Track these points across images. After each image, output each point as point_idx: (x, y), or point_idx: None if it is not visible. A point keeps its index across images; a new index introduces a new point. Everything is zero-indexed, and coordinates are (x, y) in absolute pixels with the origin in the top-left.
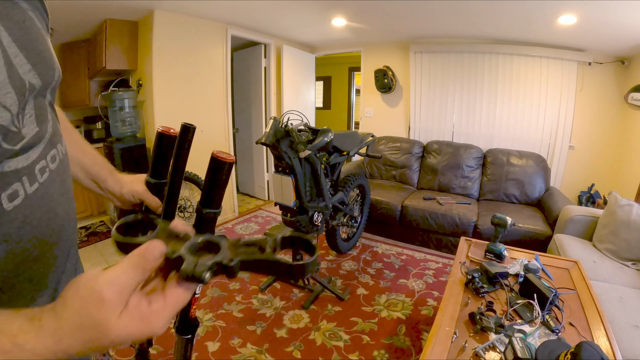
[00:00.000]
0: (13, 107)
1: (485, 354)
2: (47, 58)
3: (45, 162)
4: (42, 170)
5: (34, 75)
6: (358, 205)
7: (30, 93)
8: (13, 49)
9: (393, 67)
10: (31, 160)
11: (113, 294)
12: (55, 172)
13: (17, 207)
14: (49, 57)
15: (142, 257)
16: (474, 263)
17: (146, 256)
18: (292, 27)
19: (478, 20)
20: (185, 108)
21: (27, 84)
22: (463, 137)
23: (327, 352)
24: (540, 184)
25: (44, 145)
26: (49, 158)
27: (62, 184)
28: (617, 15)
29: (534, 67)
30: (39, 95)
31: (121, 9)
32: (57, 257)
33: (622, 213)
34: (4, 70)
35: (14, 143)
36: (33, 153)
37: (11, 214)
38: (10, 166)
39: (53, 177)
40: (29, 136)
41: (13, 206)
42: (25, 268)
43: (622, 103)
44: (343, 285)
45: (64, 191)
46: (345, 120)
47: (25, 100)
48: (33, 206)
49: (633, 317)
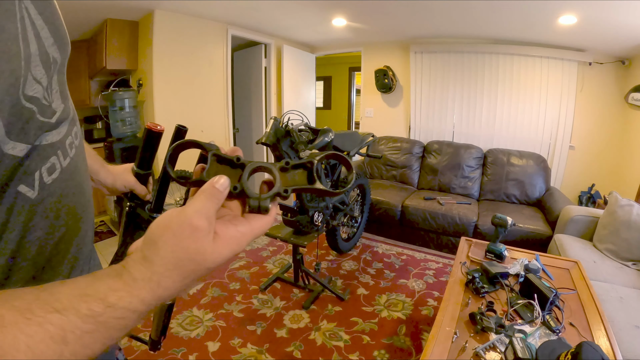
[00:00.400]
0: (43, 80)
1: (486, 354)
2: (65, 33)
3: (72, 138)
4: (70, 145)
5: (56, 49)
6: (358, 205)
7: (54, 67)
8: (39, 21)
9: (393, 67)
10: (62, 135)
11: (204, 221)
12: (79, 149)
13: (55, 180)
14: (65, 33)
15: (214, 188)
16: (474, 263)
17: (217, 187)
18: (292, 27)
19: (478, 21)
20: (185, 108)
21: (52, 58)
22: (463, 137)
23: (328, 352)
24: (540, 184)
25: (69, 122)
26: (73, 134)
27: (84, 161)
28: (617, 15)
29: (534, 67)
30: (60, 72)
31: (121, 8)
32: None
33: (622, 213)
34: (34, 42)
35: (48, 116)
36: (62, 128)
37: (51, 188)
38: (47, 140)
39: (78, 152)
40: (59, 111)
41: (52, 180)
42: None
43: (623, 103)
44: (343, 285)
45: (85, 167)
46: (346, 120)
47: (51, 75)
48: (67, 180)
49: (633, 317)
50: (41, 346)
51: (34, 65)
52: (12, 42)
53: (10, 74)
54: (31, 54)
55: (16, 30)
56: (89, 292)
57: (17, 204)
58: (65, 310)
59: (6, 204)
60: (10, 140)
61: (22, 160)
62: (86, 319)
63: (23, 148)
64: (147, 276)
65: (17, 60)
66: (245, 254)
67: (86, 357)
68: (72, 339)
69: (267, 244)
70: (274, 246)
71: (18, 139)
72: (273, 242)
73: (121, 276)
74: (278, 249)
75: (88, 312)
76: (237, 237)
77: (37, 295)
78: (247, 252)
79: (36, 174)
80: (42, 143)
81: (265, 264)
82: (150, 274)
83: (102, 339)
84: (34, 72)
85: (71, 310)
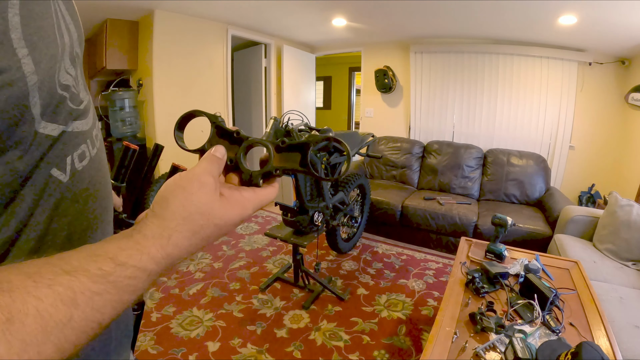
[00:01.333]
0: (72, 71)
1: (486, 354)
2: (82, 31)
3: (97, 130)
4: (96, 137)
5: (79, 45)
6: (358, 205)
7: (78, 61)
8: (68, 17)
9: (393, 67)
10: (89, 126)
11: (210, 178)
12: (101, 142)
13: (85, 167)
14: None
15: (213, 155)
16: (474, 263)
17: (215, 155)
18: (292, 27)
19: (478, 20)
20: (185, 108)
21: (76, 53)
22: (463, 137)
23: (328, 352)
24: (540, 184)
25: (93, 114)
26: (97, 127)
27: (104, 153)
28: (617, 15)
29: (535, 67)
30: (81, 66)
31: (121, 8)
32: (110, 221)
33: (622, 213)
34: (66, 34)
35: (77, 104)
36: (90, 119)
37: (82, 174)
38: (77, 127)
39: (101, 146)
40: (85, 101)
41: (82, 167)
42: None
43: (623, 103)
44: (343, 285)
45: (107, 162)
46: (346, 120)
47: (77, 68)
48: (95, 169)
49: (633, 317)
50: (50, 309)
51: (66, 56)
52: (50, 31)
53: (51, 58)
54: (65, 44)
55: (52, 21)
56: (98, 253)
57: (50, 186)
58: (75, 272)
59: (39, 184)
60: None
61: (55, 141)
62: (96, 278)
63: (55, 128)
64: (158, 232)
65: (55, 47)
66: (245, 254)
67: (96, 323)
68: (83, 300)
69: (267, 244)
70: (274, 246)
71: (50, 120)
72: (273, 242)
73: (132, 236)
74: (278, 249)
75: (98, 272)
76: (242, 200)
77: (46, 260)
78: (247, 252)
79: (68, 158)
80: (72, 130)
81: (265, 264)
82: (161, 230)
83: (113, 301)
84: (65, 63)
85: (80, 271)
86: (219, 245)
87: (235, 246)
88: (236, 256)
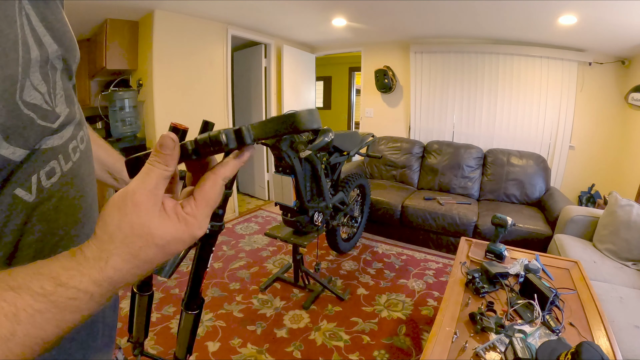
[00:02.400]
0: (41, 86)
1: (486, 354)
2: (71, 39)
3: (76, 142)
4: (74, 149)
5: (59, 56)
6: (358, 205)
7: (56, 74)
8: (41, 28)
9: (393, 67)
10: (65, 139)
11: (144, 195)
12: (84, 153)
13: (54, 184)
14: (72, 39)
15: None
16: (474, 263)
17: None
18: (292, 27)
19: (478, 20)
20: (185, 108)
21: (53, 65)
22: (463, 137)
23: (328, 352)
24: (540, 184)
25: (74, 126)
26: (79, 138)
27: (89, 165)
28: (617, 15)
29: (534, 67)
30: (65, 77)
31: (121, 8)
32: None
33: (622, 213)
34: (35, 48)
35: (51, 121)
36: (66, 132)
37: (49, 192)
38: (47, 144)
39: (82, 157)
40: (63, 115)
41: (51, 184)
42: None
43: (623, 103)
44: (343, 286)
45: (90, 172)
46: (346, 120)
47: (52, 81)
48: (67, 184)
49: (633, 317)
50: None
51: (34, 71)
52: (9, 48)
53: (5, 80)
54: (31, 59)
55: (15, 37)
56: (42, 271)
57: (14, 207)
58: (19, 288)
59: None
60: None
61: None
62: (37, 297)
63: (22, 154)
64: (97, 254)
65: (14, 65)
66: (245, 254)
67: (40, 340)
68: (25, 317)
69: (267, 244)
70: (274, 246)
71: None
72: (273, 242)
73: (75, 256)
74: (278, 249)
75: (40, 290)
76: (182, 216)
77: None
78: (247, 252)
79: (33, 177)
80: (42, 147)
81: (265, 264)
82: (100, 252)
83: (55, 320)
84: (32, 79)
85: (24, 288)
86: (219, 245)
87: (235, 246)
88: (236, 256)
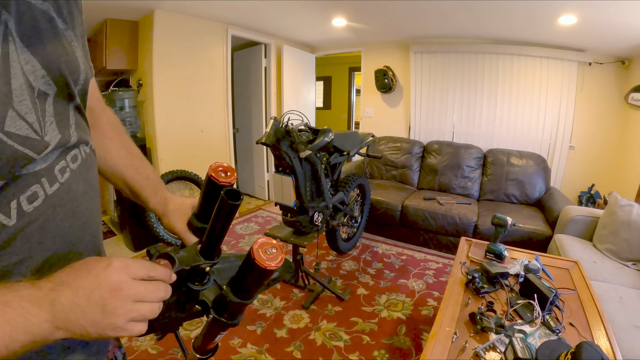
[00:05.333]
0: (29, 115)
1: (486, 354)
2: (69, 62)
3: (65, 162)
4: (62, 170)
5: (47, 81)
6: (358, 205)
7: (42, 100)
8: (26, 54)
9: (393, 67)
10: (49, 162)
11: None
12: (77, 172)
13: (38, 208)
14: (70, 61)
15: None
16: (474, 263)
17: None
18: (292, 27)
19: (478, 20)
20: (185, 108)
21: (37, 91)
22: (463, 137)
23: (328, 352)
24: (540, 184)
25: (63, 149)
26: (69, 158)
27: (85, 182)
28: (617, 15)
29: (534, 67)
30: (60, 101)
31: (121, 8)
32: (81, 253)
33: (622, 213)
34: (20, 76)
35: (37, 150)
36: (51, 155)
37: (32, 215)
38: (28, 169)
39: (75, 176)
40: (53, 143)
41: (33, 207)
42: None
43: (623, 103)
44: (343, 286)
45: (87, 189)
46: (346, 120)
47: (40, 109)
48: (55, 206)
49: (633, 318)
50: None
51: (20, 100)
52: None
53: None
54: (12, 90)
55: None
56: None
57: None
58: None
59: None
60: None
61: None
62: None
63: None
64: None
65: None
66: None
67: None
68: None
69: None
70: None
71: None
72: None
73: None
74: None
75: None
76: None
77: None
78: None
79: (13, 202)
80: (22, 173)
81: None
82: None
83: None
84: (19, 108)
85: None
86: None
87: (236, 246)
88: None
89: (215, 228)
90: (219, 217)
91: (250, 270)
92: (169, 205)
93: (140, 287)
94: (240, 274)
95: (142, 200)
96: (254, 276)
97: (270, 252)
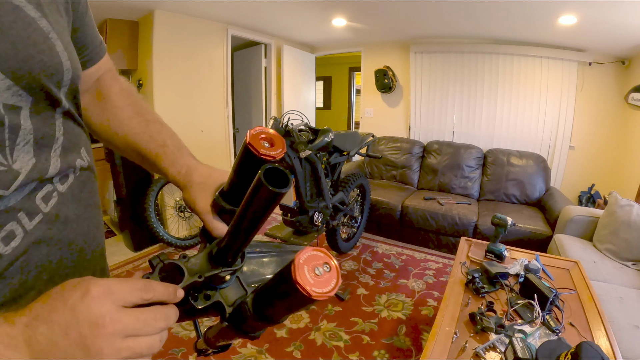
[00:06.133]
0: None
1: (486, 354)
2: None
3: (51, 186)
4: (46, 197)
5: (17, 92)
6: (358, 205)
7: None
8: None
9: (393, 67)
10: (27, 192)
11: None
12: (67, 194)
13: (17, 248)
14: (46, 60)
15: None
16: (474, 263)
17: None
18: (292, 27)
19: (478, 20)
20: (185, 108)
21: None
22: (463, 137)
23: (328, 352)
24: (540, 184)
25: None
26: (56, 180)
27: (79, 204)
28: (618, 15)
29: (534, 67)
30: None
31: (121, 8)
32: None
33: (622, 213)
34: None
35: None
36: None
37: (11, 257)
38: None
39: (63, 200)
40: (24, 171)
41: (11, 249)
42: None
43: (623, 103)
44: (343, 285)
45: (80, 213)
46: (346, 120)
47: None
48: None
49: (633, 318)
50: None
51: None
52: None
53: None
54: None
55: None
56: None
57: None
58: None
59: None
60: None
61: None
62: None
63: None
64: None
65: None
66: None
67: None
68: None
69: None
70: None
71: None
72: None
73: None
74: None
75: None
76: None
77: None
78: None
79: None
80: None
81: None
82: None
83: None
84: None
85: None
86: None
87: None
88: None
89: (243, 219)
90: (251, 205)
91: (287, 294)
92: (194, 177)
93: (130, 318)
94: (272, 291)
95: (162, 171)
96: (291, 301)
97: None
